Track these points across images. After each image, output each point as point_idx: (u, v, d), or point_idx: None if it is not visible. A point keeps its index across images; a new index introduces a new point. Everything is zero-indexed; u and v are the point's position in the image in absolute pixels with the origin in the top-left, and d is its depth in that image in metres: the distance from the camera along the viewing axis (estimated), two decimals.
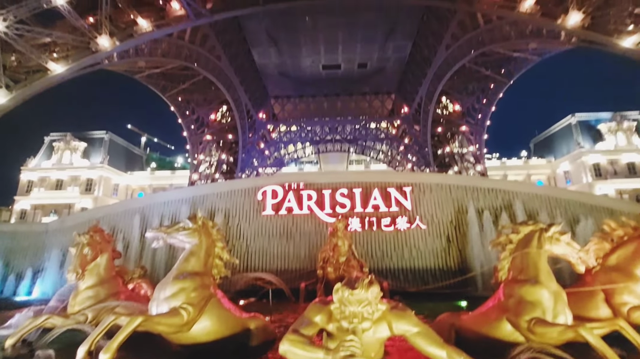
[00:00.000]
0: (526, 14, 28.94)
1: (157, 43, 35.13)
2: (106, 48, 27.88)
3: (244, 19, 41.61)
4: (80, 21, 27.14)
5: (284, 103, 63.17)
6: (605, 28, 26.99)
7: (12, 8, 24.91)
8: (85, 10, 29.49)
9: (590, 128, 55.55)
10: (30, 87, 27.26)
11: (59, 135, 61.36)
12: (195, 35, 37.48)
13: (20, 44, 25.94)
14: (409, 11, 40.65)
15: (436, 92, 47.73)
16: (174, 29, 32.47)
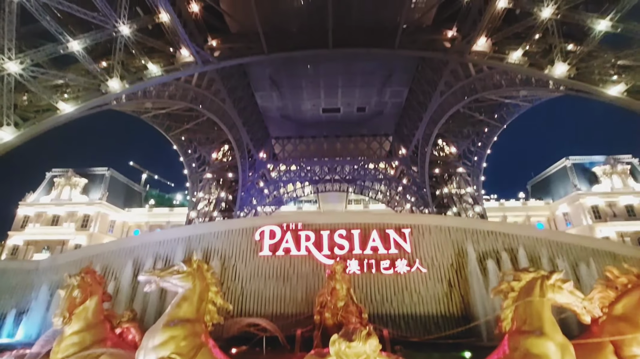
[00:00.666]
0: (514, 65, 30.71)
1: (165, 86, 36.82)
2: (116, 90, 29.11)
3: (249, 66, 43.97)
4: (94, 65, 28.61)
5: (284, 144, 64.64)
6: (591, 78, 28.49)
7: (30, 52, 26.32)
8: (99, 55, 31.30)
9: (585, 170, 56.83)
10: (38, 125, 28.03)
11: (61, 171, 61.96)
12: (202, 79, 39.37)
13: (33, 85, 27.09)
14: (405, 61, 43.15)
15: (432, 135, 49.13)
16: (182, 74, 34.17)
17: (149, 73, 31.32)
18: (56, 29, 25.52)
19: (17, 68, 25.42)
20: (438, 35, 34.94)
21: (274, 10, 34.26)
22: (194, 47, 32.17)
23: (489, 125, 50.86)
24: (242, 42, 35.62)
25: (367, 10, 34.07)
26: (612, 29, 25.45)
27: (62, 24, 27.43)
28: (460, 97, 41.15)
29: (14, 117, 27.19)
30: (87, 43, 27.21)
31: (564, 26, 28.48)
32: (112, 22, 26.96)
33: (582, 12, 26.71)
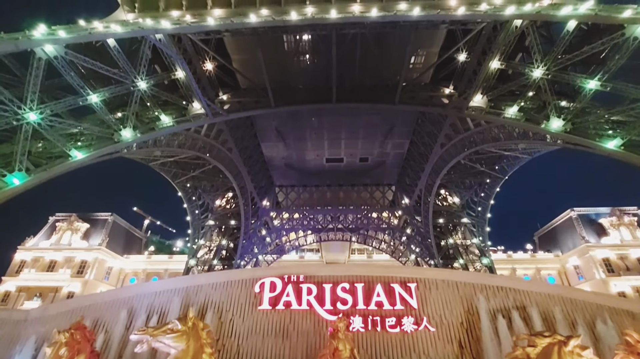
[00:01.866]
0: (511, 120, 31.89)
1: (175, 135, 38.26)
2: (128, 139, 30.24)
3: (256, 117, 46.09)
4: (109, 116, 30.10)
5: (287, 192, 65.13)
6: (587, 132, 29.25)
7: (51, 104, 27.85)
8: (115, 107, 33.08)
9: (592, 222, 56.25)
10: (49, 171, 28.67)
11: (64, 216, 62.15)
12: (211, 129, 41.02)
13: (50, 133, 28.25)
14: (405, 115, 45.11)
15: (435, 186, 49.48)
16: (193, 125, 35.71)
17: (160, 123, 32.77)
18: (78, 83, 27.32)
19: (37, 118, 26.73)
20: (436, 92, 36.92)
21: (281, 69, 36.81)
22: (205, 101, 34.04)
23: (490, 176, 51.34)
24: (251, 96, 37.75)
25: (368, 69, 36.49)
26: (601, 87, 26.74)
27: (85, 78, 29.48)
28: (460, 149, 42.15)
29: (27, 163, 27.95)
30: (106, 96, 28.93)
31: (555, 85, 30.08)
32: (131, 78, 28.92)
33: (571, 73, 28.35)
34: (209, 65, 34.82)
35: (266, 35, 31.83)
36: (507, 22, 28.04)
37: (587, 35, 28.19)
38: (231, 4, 31.61)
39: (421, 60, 37.97)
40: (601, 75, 26.17)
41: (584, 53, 26.02)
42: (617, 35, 23.56)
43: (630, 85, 24.94)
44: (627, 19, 22.58)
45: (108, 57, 28.07)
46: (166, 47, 29.73)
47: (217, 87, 37.45)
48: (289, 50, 36.64)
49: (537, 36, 27.55)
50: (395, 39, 32.82)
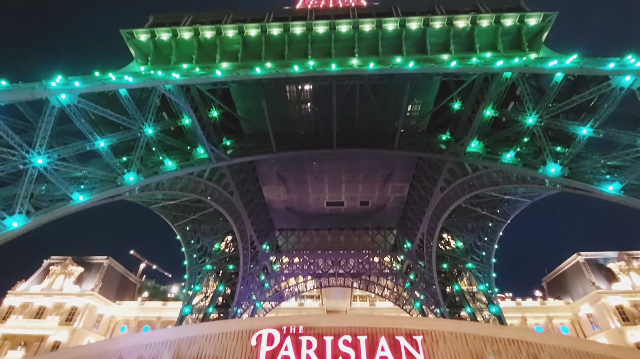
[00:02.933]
0: (508, 165, 32.39)
1: (178, 179, 38.68)
2: (131, 183, 30.58)
3: (258, 162, 47.00)
4: (114, 160, 30.76)
5: (288, 236, 64.26)
6: (585, 177, 29.56)
7: (59, 148, 28.62)
8: (121, 151, 33.92)
9: (600, 267, 54.96)
10: (49, 215, 28.63)
11: (59, 259, 60.89)
12: (214, 173, 41.60)
13: (54, 176, 28.67)
14: (404, 159, 45.98)
15: (436, 230, 48.91)
16: (196, 169, 36.32)
17: (164, 167, 33.36)
18: (88, 129, 28.30)
19: (43, 162, 27.31)
20: (433, 138, 38.01)
21: (283, 116, 38.32)
22: (209, 146, 34.98)
23: (492, 220, 50.90)
24: (254, 141, 38.85)
25: (367, 116, 37.95)
26: (594, 134, 27.49)
27: (94, 124, 30.58)
28: (460, 193, 42.31)
29: (28, 205, 28.02)
30: (113, 141, 29.80)
31: (549, 131, 31.02)
32: (139, 124, 30.01)
33: (563, 121, 29.39)
34: (214, 112, 36.31)
35: (270, 85, 33.61)
36: (497, 74, 29.70)
37: (575, 85, 29.67)
38: (238, 58, 33.85)
39: (418, 108, 39.63)
40: (593, 122, 27.07)
41: (573, 102, 27.16)
42: (604, 85, 24.76)
43: (622, 131, 25.67)
44: (611, 71, 23.91)
45: (118, 105, 29.40)
46: (175, 96, 31.25)
47: (221, 133, 38.70)
48: (291, 99, 38.43)
49: (527, 86, 28.99)
50: (392, 88, 34.57)
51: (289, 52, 33.65)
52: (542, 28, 32.71)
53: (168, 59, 34.53)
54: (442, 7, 34.32)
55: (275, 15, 35.21)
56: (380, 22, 33.07)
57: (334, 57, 33.06)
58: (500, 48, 32.81)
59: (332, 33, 33.50)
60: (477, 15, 32.69)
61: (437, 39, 33.52)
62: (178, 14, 36.20)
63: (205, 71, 32.57)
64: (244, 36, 33.81)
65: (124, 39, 34.46)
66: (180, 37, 34.15)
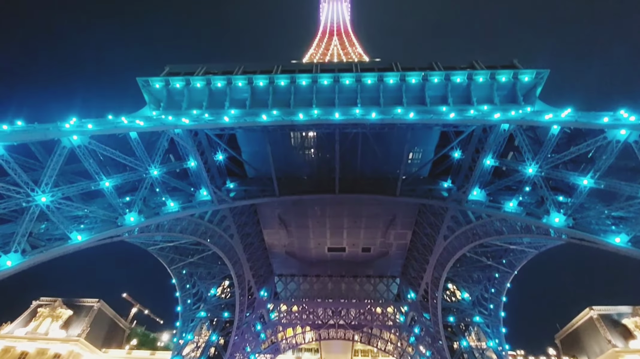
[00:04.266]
0: (512, 214, 32.15)
1: (178, 220, 38.48)
2: (132, 224, 30.45)
3: (260, 205, 47.01)
4: (118, 200, 30.89)
5: (287, 282, 62.13)
6: (590, 228, 29.06)
7: (64, 187, 28.90)
8: (125, 191, 34.21)
9: (615, 323, 52.51)
10: (45, 254, 28.09)
11: (48, 300, 58.81)
12: (215, 215, 41.46)
13: (55, 215, 28.59)
14: (407, 205, 45.83)
15: (441, 279, 47.21)
16: (198, 211, 36.35)
17: (166, 209, 33.39)
18: (95, 170, 28.83)
19: (47, 200, 27.43)
20: (435, 186, 38.26)
21: (287, 161, 39.12)
22: (213, 188, 35.32)
23: (498, 271, 49.27)
24: (257, 185, 39.24)
25: (369, 163, 38.64)
26: (595, 185, 27.54)
27: (101, 164, 31.23)
28: (464, 242, 41.51)
29: (25, 244, 27.61)
30: (118, 182, 30.21)
31: (550, 181, 31.21)
32: (145, 166, 30.62)
33: (563, 171, 29.69)
34: (220, 156, 37.17)
35: (275, 131, 34.77)
36: (495, 126, 30.69)
37: (572, 137, 30.44)
38: (246, 105, 35.46)
39: (419, 156, 40.42)
40: (593, 173, 27.27)
41: (572, 153, 27.67)
42: (600, 138, 25.38)
43: (623, 182, 25.76)
44: (606, 125, 24.67)
45: (128, 146, 30.23)
46: (183, 140, 32.26)
47: (225, 176, 39.25)
48: (295, 145, 39.51)
49: (525, 138, 29.76)
50: (393, 137, 35.61)
51: (295, 101, 35.29)
52: (536, 84, 34.44)
53: (179, 105, 36.21)
54: (439, 63, 36.53)
55: (283, 68, 37.54)
56: (381, 76, 35.05)
57: (338, 106, 34.57)
58: (497, 101, 34.28)
59: (336, 85, 35.39)
60: (473, 72, 34.65)
61: (435, 92, 35.23)
62: (192, 65, 38.67)
63: (214, 117, 33.95)
64: (252, 86, 35.75)
65: (140, 85, 36.49)
66: (192, 85, 36.14)
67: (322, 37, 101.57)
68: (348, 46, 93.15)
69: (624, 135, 23.70)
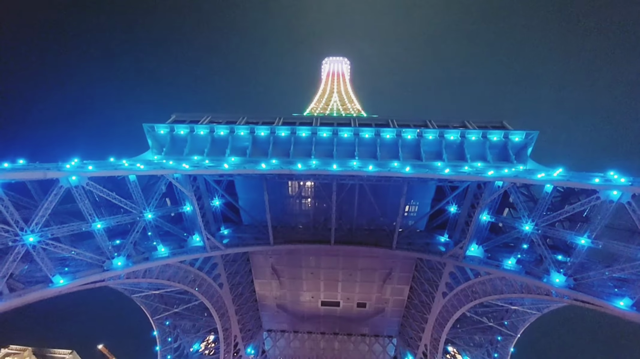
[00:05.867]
0: (510, 271, 31.38)
1: (167, 267, 37.12)
2: (119, 268, 29.30)
3: (253, 253, 45.76)
4: (107, 243, 30.03)
5: (276, 338, 58.05)
6: (592, 290, 28.16)
7: (54, 227, 28.16)
8: (116, 234, 33.44)
9: None
10: (22, 299, 26.48)
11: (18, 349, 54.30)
12: (206, 262, 40.13)
13: (40, 256, 27.46)
14: (403, 259, 44.79)
15: (441, 341, 44.42)
16: (189, 257, 35.29)
17: (156, 254, 32.41)
18: (89, 211, 28.46)
19: (35, 240, 26.56)
20: (431, 239, 37.86)
21: (283, 209, 39.11)
22: (206, 234, 34.70)
23: (501, 333, 46.63)
24: (252, 232, 38.67)
25: (366, 214, 38.63)
26: (593, 244, 27.25)
27: (96, 205, 30.90)
28: (463, 301, 39.88)
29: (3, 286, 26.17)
30: (110, 224, 29.68)
31: (547, 239, 30.99)
32: (140, 209, 30.36)
33: (560, 229, 29.65)
34: (216, 201, 37.12)
35: (273, 179, 35.22)
36: (490, 182, 31.30)
37: (565, 195, 30.94)
38: (247, 154, 36.32)
39: (415, 209, 40.55)
40: (589, 233, 27.15)
41: (566, 212, 27.85)
42: (593, 198, 25.73)
43: (621, 244, 25.60)
44: (597, 186, 25.20)
45: (125, 188, 30.25)
46: (182, 184, 32.45)
47: (220, 221, 38.82)
48: (292, 194, 39.74)
49: (520, 195, 30.24)
50: (390, 189, 36.09)
51: (294, 152, 36.27)
52: (526, 144, 35.88)
53: (182, 151, 37.04)
54: (433, 121, 38.35)
55: (284, 120, 39.18)
56: (379, 131, 36.54)
57: (336, 158, 35.47)
58: (490, 159, 35.39)
59: (335, 138, 36.71)
60: (466, 131, 36.26)
61: (430, 148, 36.49)
62: (197, 113, 40.34)
63: (214, 163, 34.54)
64: (254, 135, 36.99)
65: (145, 131, 37.63)
66: (196, 132, 37.35)
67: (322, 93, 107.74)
68: (347, 102, 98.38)
69: (617, 196, 24.09)
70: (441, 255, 36.09)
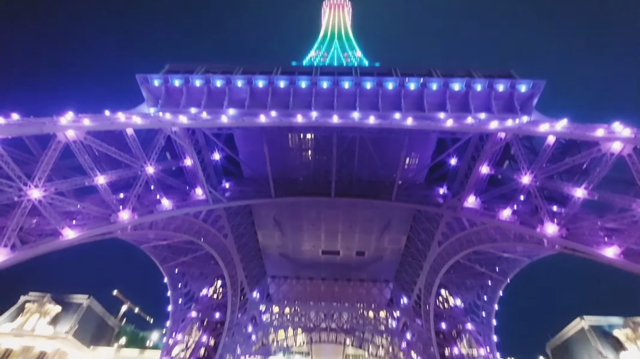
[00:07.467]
0: (505, 222, 32.30)
1: (172, 219, 38.20)
2: (125, 221, 30.12)
3: (255, 206, 46.81)
4: (112, 197, 30.56)
5: (280, 284, 61.83)
6: (583, 239, 29.28)
7: (57, 182, 28.49)
8: (119, 188, 33.88)
9: (606, 334, 52.74)
10: (35, 250, 27.68)
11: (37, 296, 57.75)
12: (209, 215, 41.24)
13: (48, 210, 28.20)
14: (402, 211, 45.92)
15: (434, 285, 47.31)
16: (192, 210, 36.06)
17: (160, 207, 33.11)
18: (90, 166, 28.53)
19: (40, 195, 27.04)
20: (431, 192, 38.41)
21: (284, 162, 39.07)
22: (208, 188, 35.12)
23: (491, 278, 49.51)
24: (253, 185, 39.11)
25: (366, 167, 38.70)
26: (589, 196, 27.72)
27: (96, 160, 30.93)
28: (458, 249, 41.66)
29: (15, 239, 27.18)
30: (112, 178, 29.91)
31: (544, 190, 31.43)
32: (141, 163, 30.38)
33: (558, 181, 29.94)
34: (216, 155, 37.02)
35: (273, 132, 34.73)
36: (492, 134, 30.88)
37: (567, 147, 30.71)
38: (244, 105, 35.38)
39: (415, 162, 40.55)
40: (587, 184, 27.49)
41: (566, 164, 27.89)
42: (594, 150, 25.60)
43: (616, 194, 25.99)
44: (600, 138, 24.90)
45: (124, 142, 29.99)
46: (180, 138, 32.07)
47: (221, 175, 39.12)
48: (293, 146, 39.46)
49: (521, 147, 29.97)
50: (391, 141, 35.70)
51: (294, 103, 35.30)
52: (532, 94, 34.77)
53: (177, 103, 36.06)
54: (438, 71, 36.77)
55: (282, 70, 37.55)
56: (381, 82, 35.19)
57: (336, 109, 34.62)
58: (494, 110, 34.54)
59: (336, 88, 35.47)
60: (472, 80, 34.90)
61: (434, 99, 35.44)
62: (192, 64, 38.57)
63: (212, 116, 33.82)
64: (252, 86, 35.73)
65: (139, 82, 36.28)
66: (191, 83, 36.02)
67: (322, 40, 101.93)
68: (348, 49, 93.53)
69: (618, 148, 23.91)
70: (439, 207, 36.89)
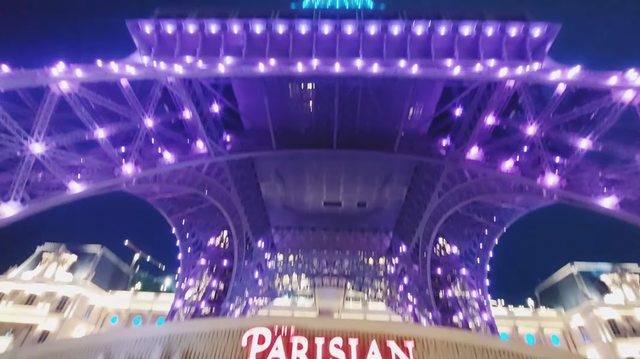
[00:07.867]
0: (507, 173, 32.43)
1: (176, 172, 38.56)
2: (129, 174, 30.42)
3: (257, 158, 46.85)
4: (113, 150, 30.57)
5: (283, 234, 64.21)
6: (582, 189, 29.63)
7: (57, 136, 28.37)
8: (120, 141, 33.71)
9: (593, 279, 55.63)
10: (43, 203, 28.44)
11: (52, 246, 60.51)
12: (212, 168, 41.49)
13: (51, 165, 28.46)
14: (403, 163, 45.94)
15: (432, 234, 48.98)
16: (195, 163, 36.19)
17: (163, 160, 33.21)
18: (87, 119, 28.11)
19: (41, 149, 27.08)
20: (434, 143, 38.02)
21: (285, 114, 38.21)
22: (209, 141, 34.87)
23: (488, 227, 51.04)
24: (254, 138, 38.76)
25: (369, 118, 37.89)
26: (593, 147, 27.49)
27: (94, 114, 30.37)
28: (457, 199, 42.36)
29: (23, 193, 27.80)
30: (112, 132, 29.62)
31: (548, 141, 31.05)
32: (139, 116, 29.85)
33: (563, 132, 29.43)
34: (215, 107, 36.16)
35: (272, 82, 33.50)
36: (501, 82, 29.69)
37: (576, 97, 29.66)
38: (242, 54, 33.68)
39: (419, 112, 39.58)
40: (592, 134, 27.10)
41: (574, 114, 27.18)
42: (605, 99, 24.79)
43: (621, 145, 25.71)
44: (613, 86, 23.94)
45: (120, 94, 29.19)
46: (177, 89, 31.10)
47: (221, 128, 38.57)
48: (293, 97, 38.30)
49: (529, 96, 29.02)
50: (394, 91, 34.51)
51: (293, 50, 33.54)
52: (546, 39, 32.72)
53: (171, 51, 34.34)
54: (448, 12, 34.26)
55: (281, 13, 35.08)
56: (385, 26, 33.01)
57: (338, 57, 32.98)
58: (505, 56, 32.81)
59: (338, 34, 33.42)
60: (482, 23, 32.65)
61: (441, 44, 33.48)
62: (184, 8, 35.98)
63: (208, 65, 32.39)
64: (248, 32, 33.68)
65: (129, 30, 34.22)
66: (185, 30, 33.96)
67: None
68: None
69: (630, 97, 23.10)
70: (442, 158, 36.80)
